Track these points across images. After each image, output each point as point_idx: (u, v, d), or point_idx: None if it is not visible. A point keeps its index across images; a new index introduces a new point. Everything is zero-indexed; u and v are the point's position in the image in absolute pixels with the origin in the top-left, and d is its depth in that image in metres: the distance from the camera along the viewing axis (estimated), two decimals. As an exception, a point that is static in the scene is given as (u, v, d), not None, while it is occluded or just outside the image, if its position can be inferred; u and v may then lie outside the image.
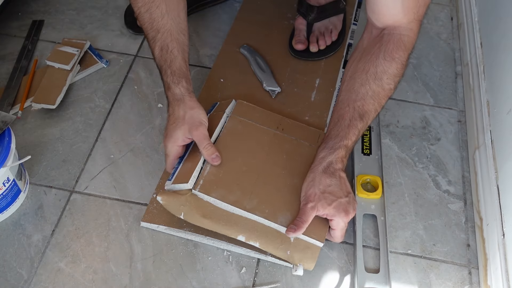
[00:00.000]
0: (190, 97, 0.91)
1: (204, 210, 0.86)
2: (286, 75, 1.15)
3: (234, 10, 1.30)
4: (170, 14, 0.91)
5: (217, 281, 0.86)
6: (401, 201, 0.96)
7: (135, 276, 0.86)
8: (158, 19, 0.91)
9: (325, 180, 0.84)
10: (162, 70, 0.92)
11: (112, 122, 1.07)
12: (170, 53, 0.91)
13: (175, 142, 0.89)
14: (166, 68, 0.91)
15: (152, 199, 0.94)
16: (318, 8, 1.16)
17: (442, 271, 0.88)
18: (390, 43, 0.85)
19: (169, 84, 0.91)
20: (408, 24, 0.82)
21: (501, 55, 0.99)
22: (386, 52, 0.85)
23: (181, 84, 0.90)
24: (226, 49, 1.20)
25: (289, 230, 0.83)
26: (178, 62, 0.91)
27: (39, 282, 0.85)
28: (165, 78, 0.91)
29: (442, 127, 1.08)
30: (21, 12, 1.27)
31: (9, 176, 0.88)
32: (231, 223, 0.86)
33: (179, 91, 0.90)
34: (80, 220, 0.92)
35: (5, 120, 0.87)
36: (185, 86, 0.91)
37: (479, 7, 1.18)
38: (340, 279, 0.87)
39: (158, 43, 0.91)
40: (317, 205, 0.83)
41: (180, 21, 0.93)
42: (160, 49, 0.91)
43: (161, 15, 0.90)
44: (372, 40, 0.88)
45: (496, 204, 0.88)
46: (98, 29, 1.24)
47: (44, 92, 1.07)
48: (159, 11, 0.90)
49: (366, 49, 0.89)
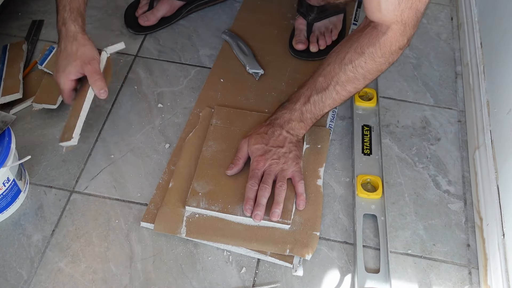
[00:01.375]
0: (83, 35, 0.95)
1: (199, 225, 0.89)
2: (286, 75, 1.15)
3: (234, 10, 1.30)
4: None
5: (217, 281, 0.86)
6: (401, 201, 0.96)
7: (135, 276, 0.86)
8: None
9: (262, 128, 0.95)
10: (60, 5, 0.95)
11: (112, 122, 1.07)
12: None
13: (68, 77, 0.94)
14: (66, 4, 0.94)
15: (152, 199, 0.94)
16: (318, 8, 1.16)
17: (442, 271, 0.88)
18: (366, 37, 0.87)
19: (65, 19, 0.94)
20: (390, 24, 0.83)
21: (501, 55, 0.99)
22: (358, 44, 0.88)
23: (77, 22, 0.95)
24: (226, 49, 1.20)
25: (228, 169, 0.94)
26: (78, 2, 0.95)
27: (39, 282, 0.85)
28: (62, 13, 0.94)
29: (442, 127, 1.08)
30: (21, 12, 1.27)
31: (9, 176, 0.88)
32: (229, 234, 0.88)
33: (74, 28, 0.94)
34: (80, 220, 0.92)
35: (5, 120, 0.87)
36: (81, 25, 0.95)
37: (479, 7, 1.18)
38: (340, 279, 0.87)
39: None
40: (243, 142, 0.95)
41: None
42: None
43: None
44: (359, 29, 0.91)
45: (496, 204, 0.88)
46: (98, 29, 1.24)
47: (44, 92, 1.07)
48: None
49: (351, 34, 0.92)
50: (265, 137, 0.94)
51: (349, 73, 0.89)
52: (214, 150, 0.98)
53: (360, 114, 1.06)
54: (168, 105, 1.10)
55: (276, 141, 0.93)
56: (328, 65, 0.91)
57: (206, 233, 0.88)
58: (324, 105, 0.93)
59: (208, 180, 0.93)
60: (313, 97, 0.92)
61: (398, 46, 0.86)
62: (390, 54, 0.87)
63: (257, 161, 0.92)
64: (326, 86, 0.91)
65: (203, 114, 1.05)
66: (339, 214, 0.94)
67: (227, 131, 1.01)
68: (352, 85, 0.91)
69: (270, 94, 1.11)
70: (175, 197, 0.92)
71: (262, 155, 0.92)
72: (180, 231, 0.88)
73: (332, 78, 0.90)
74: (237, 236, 0.88)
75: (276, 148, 0.92)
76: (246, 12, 1.28)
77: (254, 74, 1.14)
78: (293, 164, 0.93)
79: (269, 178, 0.91)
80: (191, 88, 1.13)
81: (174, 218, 0.90)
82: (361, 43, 0.87)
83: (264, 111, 1.06)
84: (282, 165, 0.92)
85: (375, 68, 0.88)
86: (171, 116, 1.08)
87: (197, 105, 1.08)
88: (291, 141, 0.94)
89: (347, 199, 0.96)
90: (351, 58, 0.88)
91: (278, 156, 0.92)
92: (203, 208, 0.90)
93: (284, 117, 0.94)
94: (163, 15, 1.23)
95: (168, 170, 0.98)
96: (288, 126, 0.94)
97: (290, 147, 0.93)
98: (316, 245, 0.88)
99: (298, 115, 0.94)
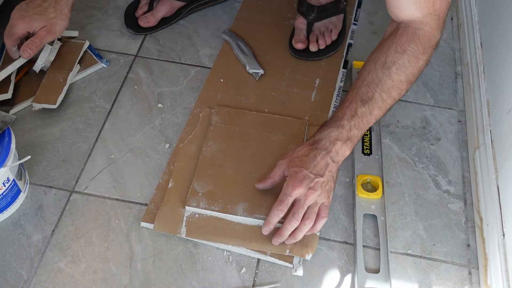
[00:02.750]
0: (69, 10, 1.01)
1: (199, 225, 0.89)
2: (286, 75, 1.15)
3: (234, 10, 1.30)
4: None
5: (217, 281, 0.86)
6: (401, 201, 0.96)
7: (135, 276, 0.86)
8: None
9: (304, 149, 0.85)
10: None
11: (112, 122, 1.07)
12: None
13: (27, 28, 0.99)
14: None
15: (152, 199, 0.94)
16: (318, 7, 1.16)
17: (442, 271, 0.88)
18: (403, 35, 0.85)
19: None
20: (423, 18, 0.82)
21: (501, 55, 0.99)
22: (397, 44, 0.85)
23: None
24: (226, 49, 1.20)
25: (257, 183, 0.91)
26: None
27: (39, 282, 0.85)
28: None
29: (442, 127, 1.08)
30: (21, 12, 1.27)
31: (9, 176, 0.88)
32: (229, 234, 0.88)
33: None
34: (80, 220, 0.92)
35: (5, 120, 0.87)
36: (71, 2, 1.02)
37: (479, 7, 1.18)
38: (340, 279, 0.87)
39: None
40: (281, 163, 0.87)
41: None
42: None
43: None
44: (389, 35, 0.89)
45: (496, 204, 0.88)
46: (98, 29, 1.24)
47: (45, 92, 1.07)
48: None
49: (382, 42, 0.90)
50: (305, 160, 0.84)
51: (394, 76, 0.85)
52: (214, 150, 0.98)
53: (360, 114, 1.06)
54: (168, 105, 1.10)
55: (317, 167, 0.83)
56: (369, 73, 0.86)
57: (206, 233, 0.88)
58: (371, 117, 0.86)
59: (208, 180, 0.93)
60: (360, 109, 0.85)
61: (435, 40, 0.84)
62: (431, 49, 0.85)
63: (293, 186, 0.82)
64: (372, 95, 0.85)
65: (203, 114, 1.05)
66: (339, 214, 0.94)
67: (227, 131, 1.01)
68: (396, 91, 0.86)
69: (270, 94, 1.11)
70: (175, 197, 0.92)
71: (300, 181, 0.82)
72: (180, 231, 0.88)
73: (377, 85, 0.85)
74: (237, 236, 0.88)
75: (316, 176, 0.83)
76: (246, 12, 1.28)
77: (254, 74, 1.14)
78: (325, 197, 0.84)
79: (301, 212, 0.83)
80: (191, 88, 1.13)
81: (174, 218, 0.90)
82: (399, 43, 0.84)
83: (264, 111, 1.06)
84: (316, 198, 0.83)
85: (417, 68, 0.85)
86: (171, 116, 1.08)
87: (197, 105, 1.08)
88: (331, 170, 0.84)
89: (347, 199, 0.96)
90: (393, 60, 0.85)
91: (316, 186, 0.82)
92: (203, 208, 0.90)
93: (330, 137, 0.85)
94: (163, 16, 1.23)
95: (168, 170, 0.98)
96: (334, 149, 0.84)
97: (329, 177, 0.84)
98: (316, 245, 0.88)
99: (346, 133, 0.85)
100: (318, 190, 0.82)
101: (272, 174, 0.89)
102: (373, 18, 1.29)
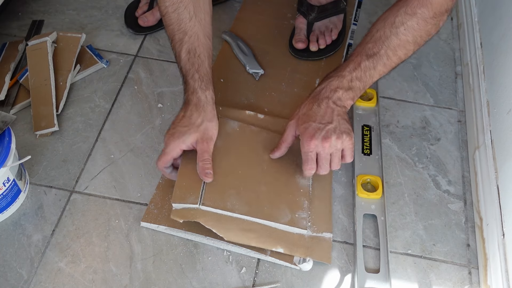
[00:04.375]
0: (212, 108, 0.90)
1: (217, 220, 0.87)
2: (286, 75, 1.15)
3: (234, 10, 1.30)
4: (198, 17, 0.90)
5: (217, 281, 0.86)
6: (401, 201, 0.96)
7: (135, 276, 0.86)
8: (186, 20, 0.89)
9: (308, 105, 0.89)
10: (188, 73, 0.90)
11: (112, 122, 1.07)
12: (198, 58, 0.90)
13: (180, 145, 0.87)
14: (194, 72, 0.89)
15: (152, 199, 0.94)
16: (318, 7, 1.16)
17: (442, 271, 0.88)
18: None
19: (195, 89, 0.89)
20: None
21: (501, 55, 0.99)
22: (408, 6, 0.86)
23: (208, 92, 0.90)
24: (226, 49, 1.20)
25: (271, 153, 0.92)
26: (205, 68, 0.90)
27: (39, 282, 0.85)
28: (191, 82, 0.89)
29: (442, 127, 1.08)
30: (21, 12, 1.27)
31: (9, 176, 0.88)
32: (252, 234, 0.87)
33: (205, 98, 0.89)
34: (80, 220, 0.92)
35: (5, 120, 0.87)
36: (211, 95, 0.90)
37: (479, 7, 1.18)
38: (340, 279, 0.87)
39: (185, 46, 0.90)
40: (291, 124, 0.90)
41: (206, 24, 0.92)
42: (187, 52, 0.90)
43: (189, 17, 0.89)
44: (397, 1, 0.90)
45: (496, 204, 0.88)
46: (98, 29, 1.24)
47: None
48: (187, 12, 0.89)
49: (394, 3, 0.90)
50: (311, 114, 0.87)
51: (402, 36, 0.86)
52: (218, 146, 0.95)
53: (360, 114, 1.06)
54: (168, 105, 1.10)
55: (324, 117, 0.86)
56: (377, 31, 0.88)
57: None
58: (375, 71, 0.88)
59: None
60: (364, 62, 0.87)
61: (446, 7, 0.85)
62: (441, 15, 0.85)
63: (308, 142, 0.85)
64: (377, 51, 0.87)
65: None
66: (339, 214, 0.94)
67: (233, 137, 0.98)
68: (403, 50, 0.88)
69: (270, 94, 1.11)
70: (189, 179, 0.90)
71: (312, 136, 0.85)
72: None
73: (383, 42, 0.87)
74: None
75: (325, 125, 0.85)
76: (246, 12, 1.28)
77: (254, 74, 1.14)
78: (347, 139, 0.86)
79: (325, 164, 0.86)
80: (191, 88, 1.13)
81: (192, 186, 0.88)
82: (410, 5, 0.85)
83: (264, 111, 1.06)
84: (335, 143, 0.85)
85: (426, 31, 0.86)
86: (171, 116, 1.07)
87: (197, 105, 1.08)
88: (339, 113, 0.87)
89: (347, 199, 0.96)
90: (403, 21, 0.86)
91: (329, 134, 0.85)
92: (218, 208, 0.88)
93: (331, 86, 0.88)
94: (163, 15, 1.23)
95: (168, 170, 0.97)
96: (335, 96, 0.87)
97: (339, 120, 0.86)
98: (330, 249, 0.88)
99: (347, 83, 0.88)
100: (332, 137, 0.85)
101: (284, 138, 0.91)
102: (373, 18, 1.28)
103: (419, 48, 0.89)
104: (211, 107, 0.89)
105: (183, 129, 0.87)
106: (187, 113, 0.88)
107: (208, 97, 0.89)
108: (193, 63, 0.90)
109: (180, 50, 0.90)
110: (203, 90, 0.89)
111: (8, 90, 1.08)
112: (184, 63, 0.90)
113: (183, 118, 0.88)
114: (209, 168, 0.87)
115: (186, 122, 0.88)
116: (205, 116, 0.88)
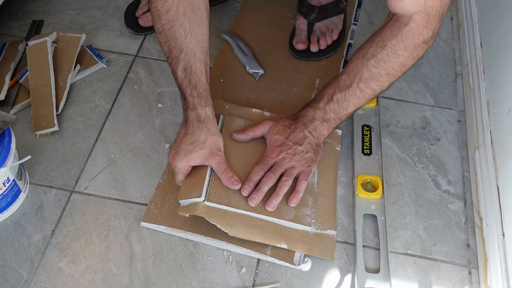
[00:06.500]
0: (213, 123, 0.90)
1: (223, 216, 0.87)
2: (286, 75, 1.15)
3: (234, 10, 1.30)
4: (193, 33, 0.90)
5: (217, 281, 0.86)
6: (401, 201, 0.96)
7: (135, 276, 0.86)
8: (181, 38, 0.89)
9: (288, 121, 0.95)
10: (186, 90, 0.90)
11: (112, 122, 1.07)
12: (194, 75, 0.90)
13: (188, 162, 0.87)
14: (192, 89, 0.89)
15: (152, 199, 0.94)
16: (319, 8, 1.16)
17: (442, 271, 0.88)
18: (388, 30, 0.86)
19: (195, 105, 0.89)
20: (412, 14, 0.81)
21: (501, 55, 0.99)
22: (381, 38, 0.86)
23: (208, 108, 0.90)
24: (226, 49, 1.20)
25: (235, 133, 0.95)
26: (203, 84, 0.90)
27: (39, 282, 0.85)
28: (190, 99, 0.89)
29: (442, 127, 1.08)
30: (21, 12, 1.27)
31: (9, 176, 0.88)
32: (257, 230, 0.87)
33: (205, 114, 0.89)
34: (80, 220, 0.92)
35: (5, 120, 0.87)
36: (211, 110, 0.90)
37: (479, 7, 1.18)
38: (340, 279, 0.87)
39: (181, 63, 0.90)
40: (267, 123, 0.96)
41: (204, 39, 0.92)
42: (183, 69, 0.90)
43: (185, 34, 0.89)
44: (382, 25, 0.90)
45: (496, 204, 0.88)
46: (98, 29, 1.24)
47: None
48: (182, 29, 0.89)
49: (375, 32, 0.91)
50: (287, 130, 0.93)
51: (372, 69, 0.87)
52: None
53: (360, 114, 1.06)
54: (168, 105, 1.10)
55: (296, 138, 0.91)
56: (351, 63, 0.90)
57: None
58: (348, 104, 0.91)
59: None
60: (336, 95, 0.91)
61: (423, 39, 0.84)
62: (414, 48, 0.85)
63: (272, 150, 0.91)
64: (350, 84, 0.90)
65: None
66: (339, 214, 0.94)
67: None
68: (375, 83, 0.89)
69: (270, 94, 1.11)
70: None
71: (278, 146, 0.91)
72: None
73: (355, 75, 0.89)
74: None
75: (294, 144, 0.91)
76: (246, 12, 1.28)
77: (254, 74, 1.14)
78: (305, 165, 0.91)
79: (278, 170, 0.89)
80: (191, 88, 1.13)
81: (197, 183, 0.88)
82: (382, 36, 0.86)
83: (264, 110, 1.06)
84: (294, 163, 0.90)
85: (398, 63, 0.86)
86: (171, 116, 1.08)
87: (197, 105, 1.08)
88: (310, 142, 0.92)
89: (347, 199, 0.96)
90: (373, 53, 0.87)
91: (294, 152, 0.90)
92: (223, 204, 0.88)
93: (308, 116, 0.93)
94: (163, 15, 1.23)
95: (168, 170, 0.98)
96: (311, 126, 0.92)
97: (308, 148, 0.91)
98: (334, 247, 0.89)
99: (321, 114, 0.92)
100: (296, 156, 0.90)
101: (255, 129, 0.95)
102: (373, 18, 1.29)
103: (398, 78, 0.90)
104: (212, 122, 0.89)
105: (188, 147, 0.87)
106: (189, 130, 0.88)
107: (208, 112, 0.90)
108: (190, 80, 0.90)
109: (176, 68, 0.91)
110: (202, 106, 0.89)
111: (8, 90, 1.08)
112: (181, 80, 0.90)
113: (186, 136, 0.88)
114: (232, 176, 0.88)
115: (190, 140, 0.87)
116: (208, 131, 0.88)
